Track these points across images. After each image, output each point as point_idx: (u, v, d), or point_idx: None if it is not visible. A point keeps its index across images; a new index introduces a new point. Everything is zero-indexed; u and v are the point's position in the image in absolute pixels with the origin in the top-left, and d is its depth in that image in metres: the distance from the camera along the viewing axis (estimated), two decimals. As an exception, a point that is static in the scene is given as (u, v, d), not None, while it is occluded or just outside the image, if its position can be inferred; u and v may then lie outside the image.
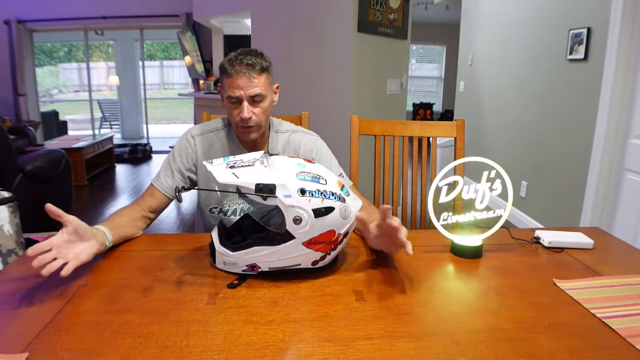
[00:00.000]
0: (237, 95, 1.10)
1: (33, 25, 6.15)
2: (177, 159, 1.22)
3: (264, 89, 1.12)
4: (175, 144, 1.25)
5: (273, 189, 0.82)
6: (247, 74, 1.09)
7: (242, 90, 1.09)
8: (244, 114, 1.10)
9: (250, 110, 1.11)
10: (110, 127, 8.71)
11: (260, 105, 1.13)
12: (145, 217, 1.15)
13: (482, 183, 1.01)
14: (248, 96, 1.10)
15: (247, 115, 1.11)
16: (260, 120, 1.14)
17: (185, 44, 5.76)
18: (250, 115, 1.11)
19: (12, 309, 0.76)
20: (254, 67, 1.09)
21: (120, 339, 0.68)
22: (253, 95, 1.10)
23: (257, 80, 1.10)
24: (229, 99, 1.12)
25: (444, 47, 8.84)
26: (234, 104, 1.12)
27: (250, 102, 1.11)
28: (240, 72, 1.08)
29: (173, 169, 1.21)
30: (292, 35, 3.26)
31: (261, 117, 1.14)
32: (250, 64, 1.09)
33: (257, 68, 1.10)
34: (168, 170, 1.21)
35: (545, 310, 0.79)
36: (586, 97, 2.60)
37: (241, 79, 1.09)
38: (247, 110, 1.10)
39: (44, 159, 3.09)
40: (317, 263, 0.90)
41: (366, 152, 1.67)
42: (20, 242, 1.59)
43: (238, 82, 1.09)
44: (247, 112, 1.10)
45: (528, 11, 3.26)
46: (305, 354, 0.65)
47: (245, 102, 1.11)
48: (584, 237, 1.12)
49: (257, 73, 1.10)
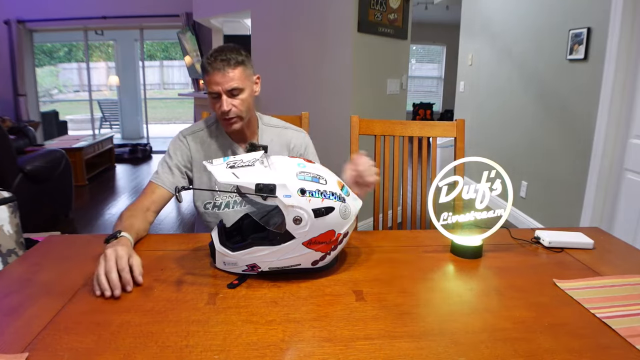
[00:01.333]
0: (216, 90, 1.16)
1: (33, 25, 6.15)
2: (173, 156, 1.27)
3: (240, 82, 1.17)
4: (169, 145, 1.30)
5: (273, 189, 0.82)
6: (222, 70, 1.15)
7: (219, 86, 1.16)
8: (223, 107, 1.17)
9: (229, 103, 1.17)
10: (110, 127, 8.71)
11: (239, 97, 1.19)
12: (149, 215, 1.16)
13: (482, 183, 1.01)
14: (225, 90, 1.16)
15: (227, 108, 1.17)
16: (240, 111, 1.20)
17: (185, 44, 5.76)
18: (230, 108, 1.17)
19: (12, 309, 0.76)
20: (228, 63, 1.15)
21: (120, 339, 0.68)
22: (230, 89, 1.16)
23: (233, 74, 1.16)
24: (210, 94, 1.19)
25: (444, 47, 8.84)
26: (214, 99, 1.19)
27: (229, 95, 1.17)
28: (216, 69, 1.15)
29: (171, 166, 1.25)
30: (292, 36, 3.26)
31: (241, 108, 1.19)
32: (225, 59, 1.15)
33: (231, 63, 1.15)
34: (166, 167, 1.25)
35: (545, 310, 0.79)
36: (586, 97, 2.60)
37: (217, 74, 1.15)
38: (225, 103, 1.16)
39: (44, 159, 3.09)
40: (317, 263, 0.90)
41: (366, 152, 1.67)
42: (20, 242, 1.59)
43: (215, 78, 1.15)
44: (226, 105, 1.16)
45: (528, 11, 3.26)
46: (305, 354, 0.65)
47: (224, 96, 1.17)
48: (584, 237, 1.12)
49: (232, 68, 1.16)
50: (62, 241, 1.12)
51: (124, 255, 0.85)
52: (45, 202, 3.12)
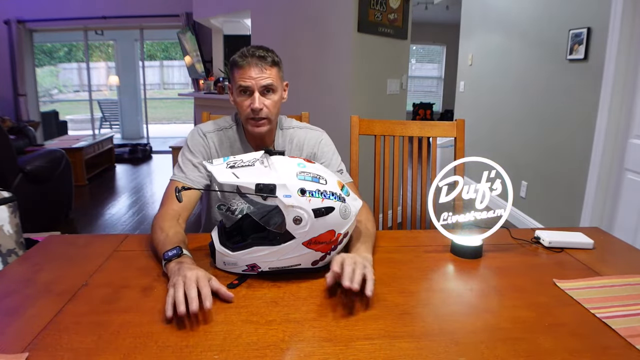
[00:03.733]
0: (249, 84, 1.09)
1: (33, 25, 6.15)
2: (196, 154, 1.18)
3: (275, 81, 1.12)
4: (187, 142, 1.21)
5: (273, 189, 0.82)
6: (259, 65, 1.09)
7: (253, 80, 1.09)
8: (256, 104, 1.09)
9: (261, 102, 1.10)
10: (110, 127, 8.71)
11: (271, 97, 1.13)
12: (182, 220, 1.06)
13: (482, 183, 1.01)
14: (260, 86, 1.10)
15: (259, 106, 1.10)
16: (270, 113, 1.13)
17: (185, 44, 5.76)
18: (262, 107, 1.10)
19: (12, 309, 0.76)
20: (265, 59, 1.10)
21: (120, 339, 0.68)
22: (265, 85, 1.10)
23: (269, 72, 1.10)
24: (240, 89, 1.11)
25: (444, 47, 8.84)
26: (244, 95, 1.11)
27: (262, 92, 1.11)
28: (252, 63, 1.09)
29: (195, 163, 1.16)
30: (292, 36, 3.26)
31: (272, 109, 1.13)
32: (262, 56, 1.10)
33: (268, 60, 1.10)
34: (189, 165, 1.16)
35: (545, 310, 0.79)
36: (586, 97, 2.60)
37: (253, 69, 1.09)
38: (258, 100, 1.10)
39: (44, 159, 3.09)
40: (317, 263, 0.90)
41: (366, 152, 1.67)
42: (20, 242, 1.59)
43: (250, 73, 1.08)
44: (258, 103, 1.09)
45: (528, 11, 3.26)
46: (305, 354, 0.65)
47: (257, 93, 1.10)
48: (584, 237, 1.12)
49: (269, 65, 1.10)
50: (62, 241, 1.12)
51: (203, 277, 0.77)
52: (45, 202, 3.12)
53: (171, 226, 0.99)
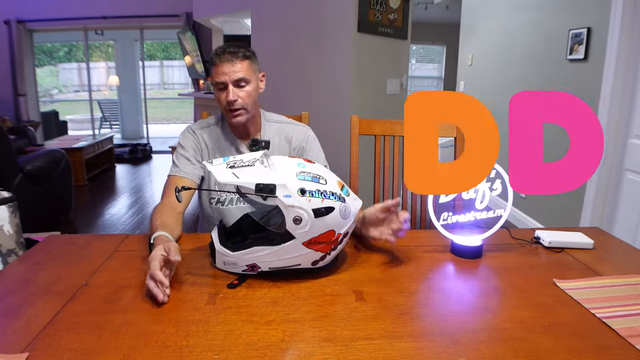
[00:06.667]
0: (222, 80, 1.19)
1: (33, 25, 6.15)
2: (188, 150, 1.27)
3: (247, 74, 1.20)
4: (179, 141, 1.30)
5: (273, 189, 0.82)
6: (230, 61, 1.18)
7: (226, 76, 1.18)
8: (230, 96, 1.19)
9: (235, 94, 1.19)
10: (110, 127, 8.71)
11: (245, 89, 1.21)
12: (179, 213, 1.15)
13: (482, 183, 1.01)
14: (232, 80, 1.19)
15: (233, 98, 1.19)
16: (245, 103, 1.21)
17: (185, 44, 5.75)
18: (236, 98, 1.19)
19: (12, 309, 0.76)
20: (236, 54, 1.19)
21: (120, 339, 0.68)
22: (237, 79, 1.19)
23: (240, 66, 1.19)
24: (216, 85, 1.21)
25: (444, 47, 8.83)
26: (221, 89, 1.21)
27: (235, 85, 1.20)
28: (224, 60, 1.18)
29: (189, 157, 1.26)
30: (292, 35, 3.26)
31: (246, 100, 1.21)
32: (233, 51, 1.19)
33: (239, 55, 1.19)
34: (183, 159, 1.26)
35: (545, 310, 0.79)
36: (586, 97, 2.59)
37: (225, 65, 1.18)
38: (232, 93, 1.19)
39: (44, 159, 3.09)
40: (317, 263, 0.90)
41: (366, 152, 1.67)
42: (20, 242, 1.59)
43: (222, 69, 1.18)
44: (232, 95, 1.19)
45: (528, 11, 3.26)
46: (305, 354, 0.65)
47: (231, 86, 1.19)
48: (584, 237, 1.12)
49: (240, 59, 1.19)
50: (62, 241, 1.12)
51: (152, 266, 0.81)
52: (45, 202, 3.12)
53: (160, 215, 1.06)
